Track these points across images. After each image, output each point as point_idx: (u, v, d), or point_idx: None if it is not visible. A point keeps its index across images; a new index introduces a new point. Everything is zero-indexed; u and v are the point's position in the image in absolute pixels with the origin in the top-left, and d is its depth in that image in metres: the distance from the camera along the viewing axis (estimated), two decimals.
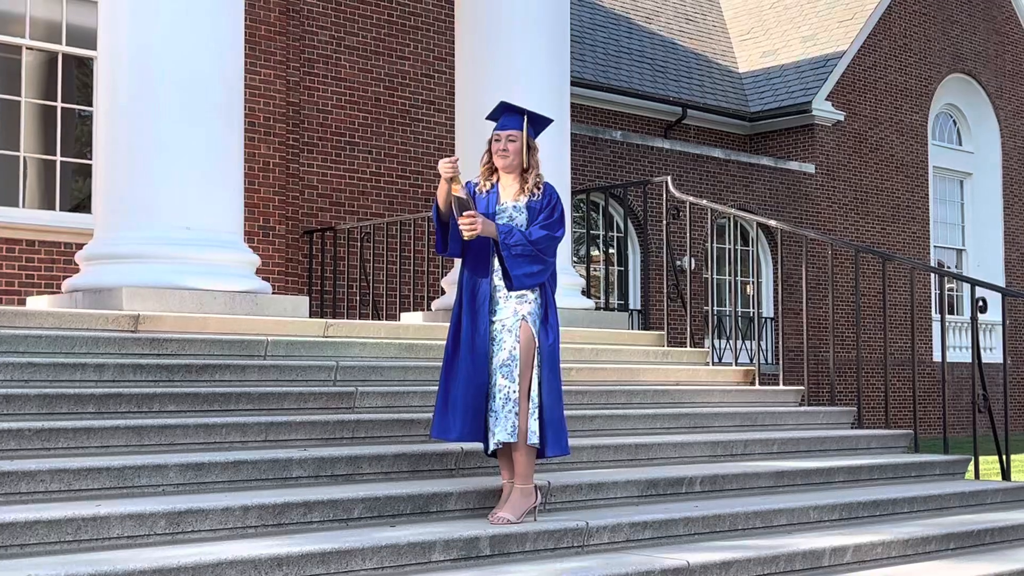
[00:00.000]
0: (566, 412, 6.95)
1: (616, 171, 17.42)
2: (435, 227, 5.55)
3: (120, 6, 7.42)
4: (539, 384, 5.34)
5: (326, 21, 13.19)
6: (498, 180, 5.57)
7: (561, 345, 5.69)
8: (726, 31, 23.25)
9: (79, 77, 11.52)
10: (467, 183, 5.63)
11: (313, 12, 13.08)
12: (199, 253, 7.29)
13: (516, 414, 5.28)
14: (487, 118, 5.66)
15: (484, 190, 5.56)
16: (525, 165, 5.51)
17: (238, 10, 7.74)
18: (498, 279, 5.43)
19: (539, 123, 5.62)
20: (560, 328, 5.63)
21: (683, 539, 5.68)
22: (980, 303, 8.10)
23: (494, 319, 5.41)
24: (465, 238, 5.33)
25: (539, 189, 5.51)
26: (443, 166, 5.31)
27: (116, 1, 7.45)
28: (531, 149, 5.54)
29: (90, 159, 11.15)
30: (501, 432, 5.28)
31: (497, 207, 5.51)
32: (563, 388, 5.66)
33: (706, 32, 22.77)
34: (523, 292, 5.40)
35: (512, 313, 5.38)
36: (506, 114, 5.55)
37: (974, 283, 8.43)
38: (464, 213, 5.28)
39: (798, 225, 19.01)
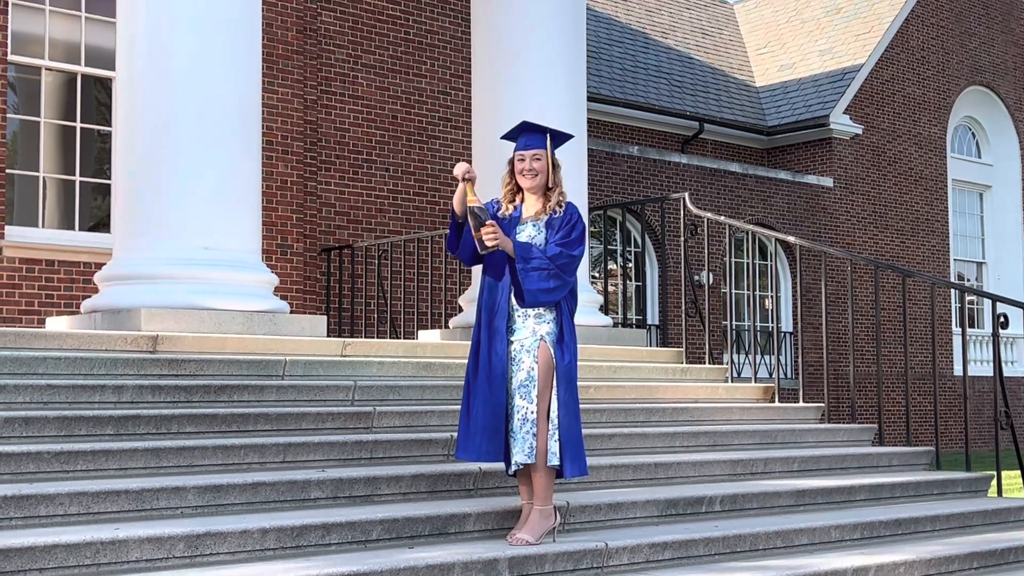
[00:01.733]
0: (584, 430, 6.93)
1: (633, 186, 17.40)
2: (450, 225, 5.53)
3: (138, 28, 7.46)
4: (556, 404, 5.32)
5: (343, 40, 13.23)
6: (522, 201, 5.55)
7: (579, 363, 5.66)
8: (743, 45, 23.24)
9: (98, 97, 11.58)
10: (491, 201, 5.60)
11: (330, 31, 13.12)
12: (217, 273, 7.31)
13: (533, 435, 5.25)
14: (503, 137, 5.64)
15: (508, 213, 5.52)
16: (549, 184, 5.50)
17: (255, 30, 7.77)
18: (526, 307, 5.39)
19: (559, 139, 5.60)
20: (578, 346, 5.60)
21: (703, 559, 5.64)
22: (1001, 319, 8.04)
23: (512, 339, 5.38)
24: (485, 250, 5.29)
25: (561, 207, 5.48)
26: (459, 169, 5.28)
27: (134, 23, 7.48)
28: (555, 167, 5.52)
29: (108, 178, 11.20)
30: (519, 453, 5.26)
31: (518, 225, 5.49)
32: (581, 406, 5.64)
33: (723, 46, 22.76)
34: (541, 312, 5.37)
35: (531, 333, 5.36)
36: (529, 133, 5.51)
37: (995, 299, 8.37)
38: (485, 224, 5.24)
39: (816, 239, 18.95)
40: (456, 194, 5.40)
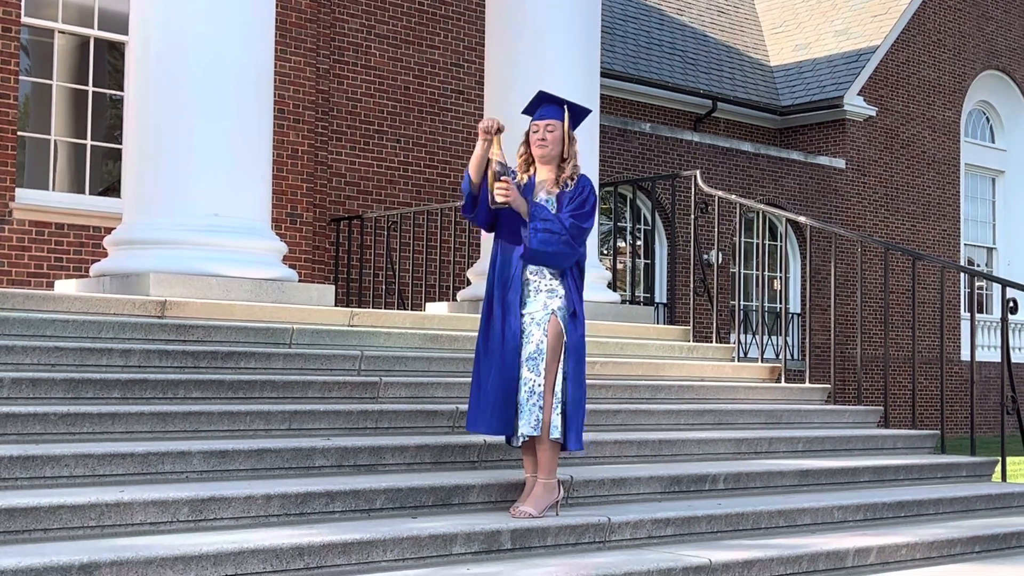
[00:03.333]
0: (590, 406, 6.95)
1: (645, 163, 17.35)
2: (464, 191, 5.52)
3: None
4: (564, 379, 5.31)
5: (357, 9, 13.18)
6: (535, 172, 5.54)
7: (586, 339, 5.66)
8: (758, 24, 23.11)
9: (111, 61, 11.56)
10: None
11: (344, 0, 13.07)
12: (226, 240, 7.31)
13: (540, 408, 5.26)
14: (523, 112, 5.62)
15: (522, 183, 5.52)
16: (564, 155, 5.48)
17: None
18: (529, 273, 5.39)
19: (577, 114, 5.58)
20: (586, 322, 5.60)
21: (706, 537, 5.65)
22: (1011, 304, 8.02)
23: (523, 312, 5.38)
24: (496, 202, 5.27)
25: (573, 180, 5.47)
26: (485, 122, 5.27)
27: None
28: (570, 139, 5.51)
29: (120, 143, 11.20)
30: (525, 425, 5.26)
31: (531, 195, 5.48)
32: (587, 382, 5.64)
33: (738, 24, 22.64)
34: (553, 287, 5.37)
35: (542, 307, 5.35)
36: (545, 104, 5.51)
37: (1005, 284, 8.34)
38: (501, 177, 5.24)
39: (827, 221, 18.89)
40: (476, 152, 5.34)
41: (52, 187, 11.04)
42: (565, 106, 5.48)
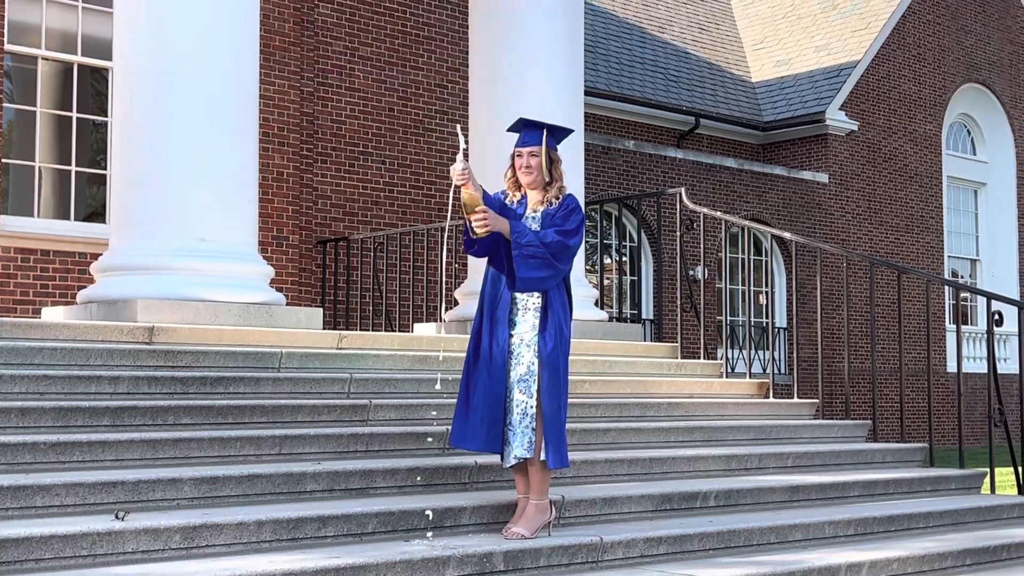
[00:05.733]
0: (580, 425, 6.96)
1: (629, 180, 17.40)
2: (463, 227, 5.54)
3: (136, 17, 7.44)
4: (540, 393, 5.31)
5: (340, 32, 13.21)
6: (525, 195, 5.58)
7: (574, 357, 5.66)
8: (739, 40, 23.23)
9: (94, 86, 11.56)
10: (498, 192, 5.62)
11: (328, 23, 13.10)
12: (213, 265, 7.30)
13: (532, 429, 5.26)
14: (508, 130, 5.65)
15: (514, 202, 5.56)
16: (548, 178, 5.50)
17: (253, 22, 7.75)
18: (517, 291, 5.41)
19: (559, 133, 5.61)
20: (570, 337, 5.58)
21: (698, 554, 5.66)
22: (996, 316, 8.06)
23: (512, 332, 5.39)
24: (477, 234, 5.30)
25: (558, 199, 5.49)
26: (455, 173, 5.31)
27: (132, 14, 7.46)
28: (554, 162, 5.53)
29: (104, 168, 11.19)
30: (518, 447, 5.27)
31: (521, 220, 5.50)
32: (577, 401, 5.64)
33: (719, 41, 22.75)
34: (539, 305, 5.38)
35: (531, 327, 5.36)
36: (526, 130, 5.54)
37: (990, 296, 8.39)
38: (476, 209, 5.26)
39: (811, 235, 18.97)
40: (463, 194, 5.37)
41: (37, 213, 11.02)
42: (545, 130, 5.51)
